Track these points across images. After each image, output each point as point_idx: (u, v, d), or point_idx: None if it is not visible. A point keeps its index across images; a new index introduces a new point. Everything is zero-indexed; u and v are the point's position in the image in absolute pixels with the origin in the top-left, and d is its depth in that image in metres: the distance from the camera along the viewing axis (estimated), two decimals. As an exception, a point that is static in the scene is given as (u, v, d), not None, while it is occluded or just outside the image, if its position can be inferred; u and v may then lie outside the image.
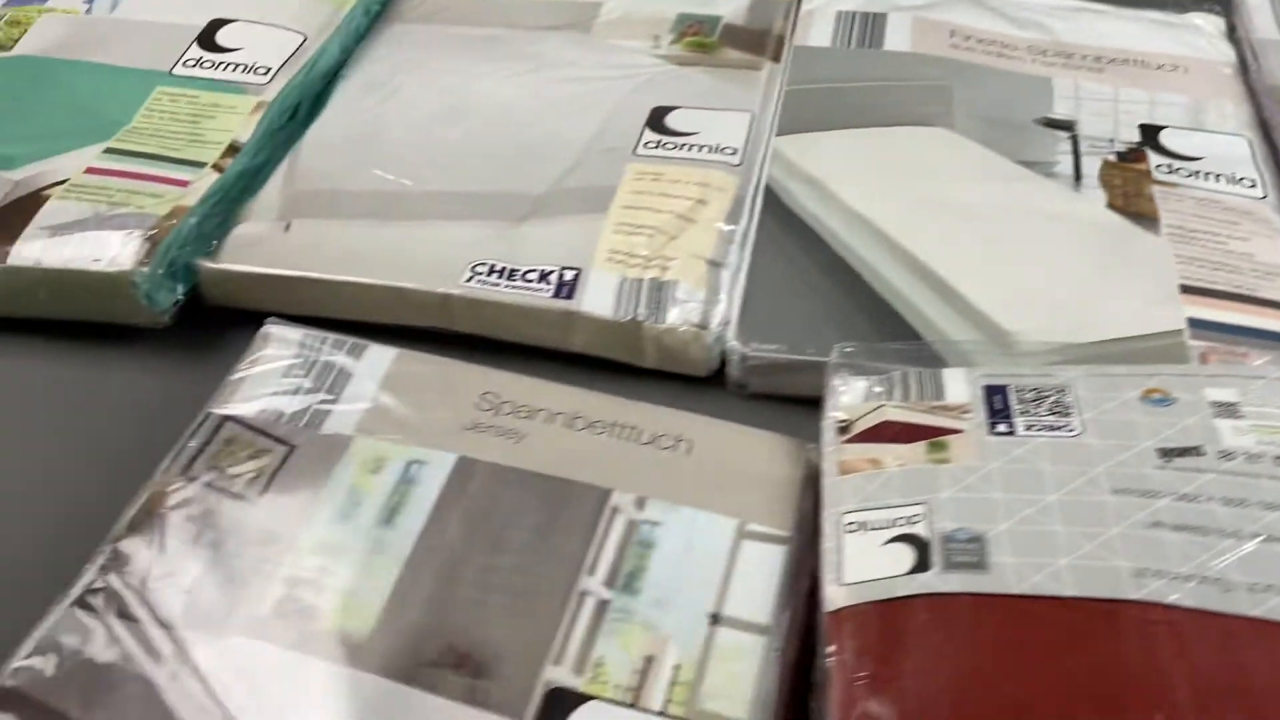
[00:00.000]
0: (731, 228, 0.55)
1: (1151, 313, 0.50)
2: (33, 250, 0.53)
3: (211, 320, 0.55)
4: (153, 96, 0.62)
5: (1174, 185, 0.57)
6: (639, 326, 0.51)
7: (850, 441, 0.40)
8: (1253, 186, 0.57)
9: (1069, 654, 0.33)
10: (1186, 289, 0.51)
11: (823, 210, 0.56)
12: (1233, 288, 0.51)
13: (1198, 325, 0.49)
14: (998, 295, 0.50)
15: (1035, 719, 0.31)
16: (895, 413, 0.41)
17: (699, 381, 0.52)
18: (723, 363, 0.51)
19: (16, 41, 0.66)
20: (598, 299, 0.51)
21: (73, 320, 0.54)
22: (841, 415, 0.41)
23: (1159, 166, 0.58)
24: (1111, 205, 0.56)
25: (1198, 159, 0.59)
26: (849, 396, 0.42)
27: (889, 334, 0.50)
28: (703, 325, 0.51)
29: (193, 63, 0.64)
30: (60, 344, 0.54)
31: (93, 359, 0.54)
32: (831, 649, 0.34)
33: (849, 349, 0.44)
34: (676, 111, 0.62)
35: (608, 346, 0.52)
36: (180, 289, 0.53)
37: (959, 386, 0.41)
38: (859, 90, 0.63)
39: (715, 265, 0.53)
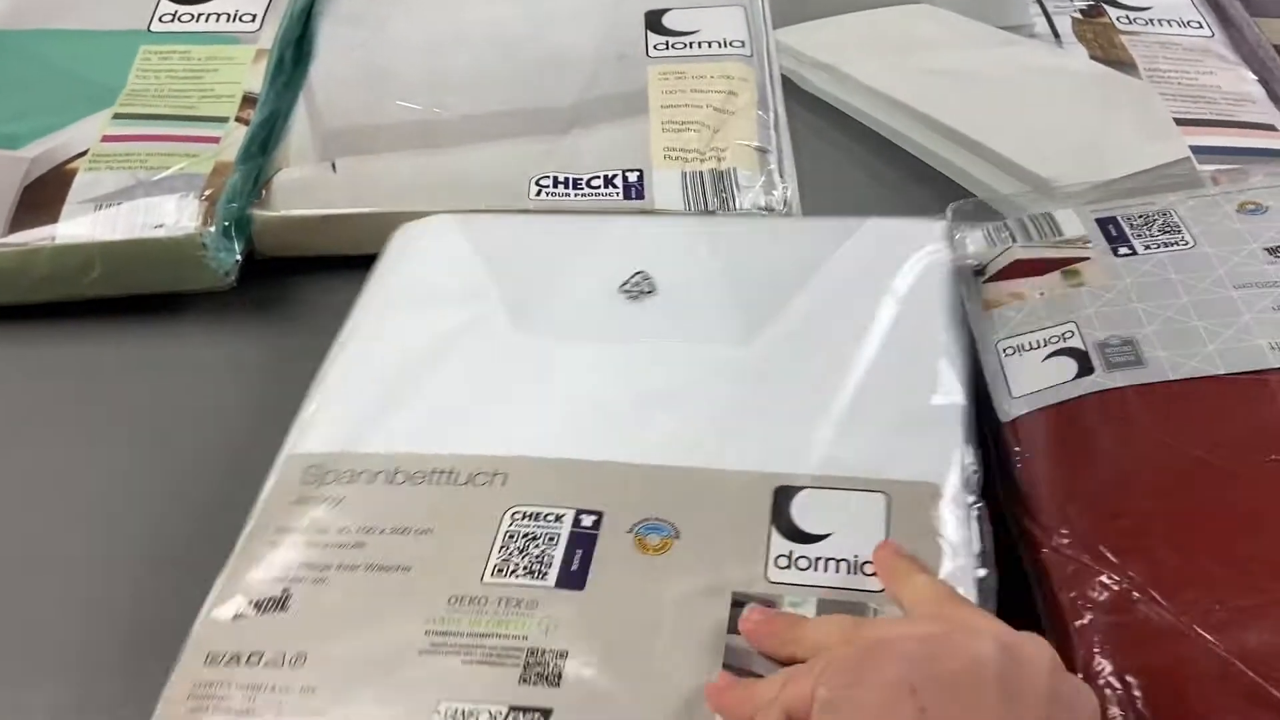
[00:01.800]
0: (764, 114, 0.58)
1: (1160, 146, 0.55)
2: (80, 226, 0.51)
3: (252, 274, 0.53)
4: (140, 57, 0.59)
5: (1136, 33, 0.63)
6: (712, 216, 0.53)
7: (989, 281, 0.45)
8: (1200, 27, 0.64)
9: (1231, 419, 0.38)
10: (1179, 121, 0.57)
11: (842, 91, 0.59)
12: (1214, 115, 0.58)
13: (1199, 151, 0.55)
14: (1025, 148, 0.55)
15: (1213, 474, 0.37)
16: (1023, 252, 0.46)
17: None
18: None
19: (-46, 19, 0.62)
20: (667, 195, 0.54)
21: (116, 297, 0.52)
22: (974, 260, 0.46)
23: (1119, 19, 0.64)
24: (1094, 56, 0.61)
25: (1147, 8, 0.65)
26: (974, 244, 0.46)
27: (939, 195, 0.54)
28: (769, 208, 0.53)
29: (169, 17, 0.62)
30: (117, 323, 0.52)
31: (159, 333, 0.52)
32: (1018, 450, 0.39)
33: (960, 205, 0.48)
34: (671, 12, 0.64)
35: (682, 239, 0.54)
36: (238, 246, 0.52)
37: (1072, 222, 0.46)
38: (837, -24, 0.66)
39: (763, 151, 0.56)
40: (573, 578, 0.36)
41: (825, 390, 0.41)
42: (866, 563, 0.36)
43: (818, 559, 0.36)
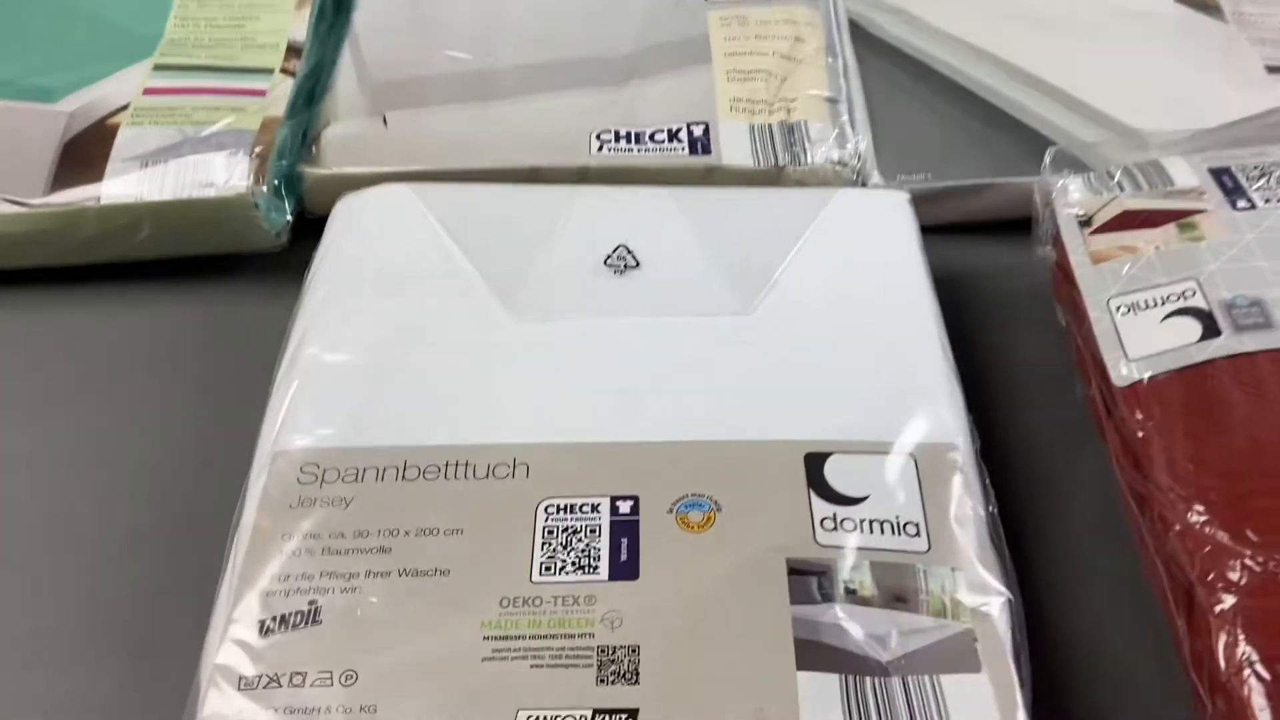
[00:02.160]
0: (832, 61, 0.55)
1: (1252, 95, 0.52)
2: (126, 185, 0.48)
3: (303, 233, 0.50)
4: (176, 3, 0.57)
5: (1216, -26, 0.60)
6: (781, 172, 0.51)
7: (1095, 233, 0.43)
8: (1278, -33, 0.60)
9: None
10: (1269, 69, 0.54)
11: (914, 36, 0.56)
12: (1305, 62, 0.55)
13: (1291, 101, 0.52)
14: (1113, 96, 0.52)
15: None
16: (1132, 202, 0.43)
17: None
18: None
19: (-21, -37, 0.59)
20: (734, 149, 0.51)
21: (163, 259, 0.50)
22: (1079, 210, 0.43)
23: (1198, -42, 0.60)
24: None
25: (1221, -54, 0.61)
26: (1077, 193, 0.44)
27: (1021, 145, 0.51)
28: (842, 163, 0.51)
29: (205, -40, 0.58)
30: (163, 285, 0.51)
31: (206, 296, 0.50)
32: (1140, 418, 0.37)
33: (1060, 150, 0.46)
34: (728, -46, 0.60)
35: (748, 195, 0.52)
36: (289, 205, 0.50)
37: (1183, 172, 0.44)
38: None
39: (833, 101, 0.53)
40: (625, 568, 0.35)
41: (830, 359, 0.41)
42: (909, 523, 0.36)
43: (861, 520, 0.36)
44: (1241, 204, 0.42)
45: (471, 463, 0.38)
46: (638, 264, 0.44)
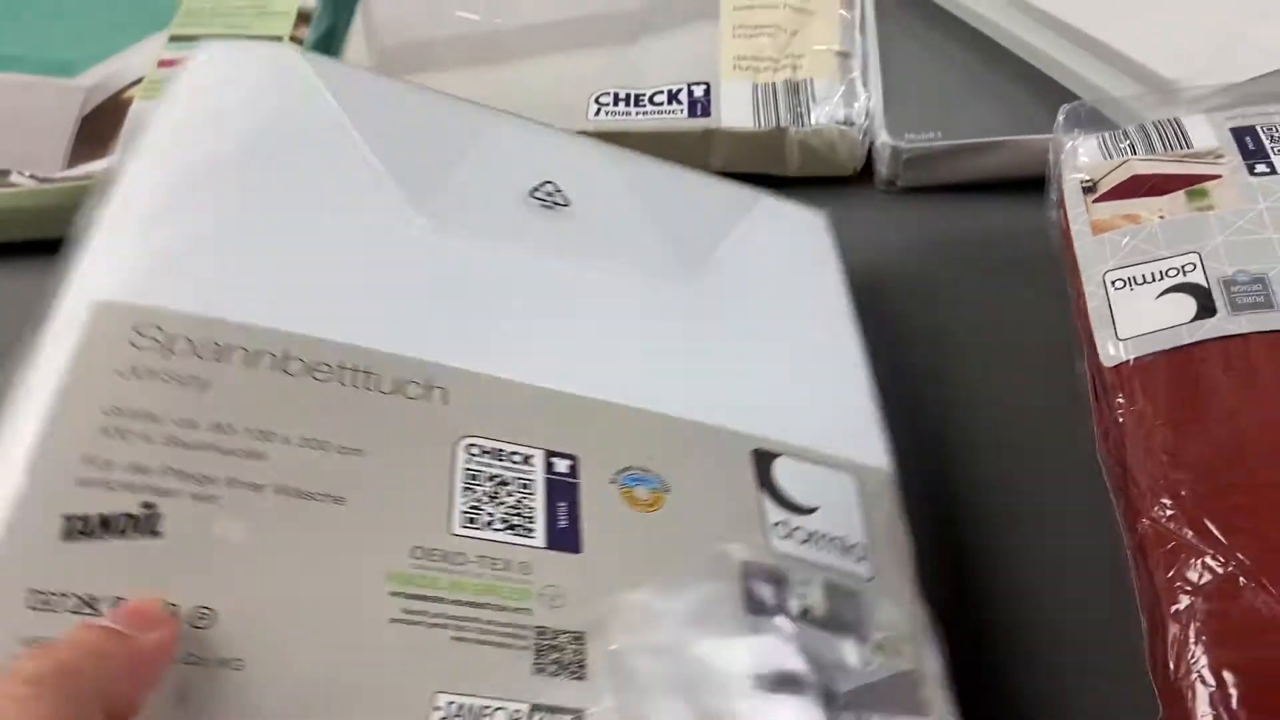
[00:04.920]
0: (849, 14, 0.52)
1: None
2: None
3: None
4: (194, -29, 0.57)
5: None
6: (783, 134, 0.48)
7: (1099, 201, 0.39)
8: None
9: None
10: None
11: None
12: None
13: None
14: (1145, 42, 0.48)
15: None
16: (1143, 166, 0.39)
17: (841, 182, 0.49)
18: (869, 159, 0.49)
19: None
20: (735, 111, 0.48)
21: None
22: (1084, 176, 0.40)
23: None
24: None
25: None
26: (1087, 156, 0.40)
27: (1043, 101, 0.47)
28: (848, 122, 0.48)
29: (222, -71, 0.59)
30: None
31: None
32: (1120, 401, 0.34)
33: (1075, 108, 0.42)
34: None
35: (749, 159, 0.48)
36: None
37: (1203, 131, 0.39)
38: None
39: (845, 56, 0.50)
40: (565, 536, 0.30)
41: (768, 357, 0.37)
42: (855, 545, 0.33)
43: (813, 533, 0.33)
44: (1261, 168, 0.38)
45: (375, 372, 0.30)
46: (568, 203, 0.38)
